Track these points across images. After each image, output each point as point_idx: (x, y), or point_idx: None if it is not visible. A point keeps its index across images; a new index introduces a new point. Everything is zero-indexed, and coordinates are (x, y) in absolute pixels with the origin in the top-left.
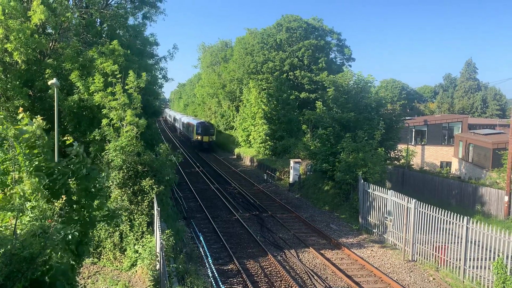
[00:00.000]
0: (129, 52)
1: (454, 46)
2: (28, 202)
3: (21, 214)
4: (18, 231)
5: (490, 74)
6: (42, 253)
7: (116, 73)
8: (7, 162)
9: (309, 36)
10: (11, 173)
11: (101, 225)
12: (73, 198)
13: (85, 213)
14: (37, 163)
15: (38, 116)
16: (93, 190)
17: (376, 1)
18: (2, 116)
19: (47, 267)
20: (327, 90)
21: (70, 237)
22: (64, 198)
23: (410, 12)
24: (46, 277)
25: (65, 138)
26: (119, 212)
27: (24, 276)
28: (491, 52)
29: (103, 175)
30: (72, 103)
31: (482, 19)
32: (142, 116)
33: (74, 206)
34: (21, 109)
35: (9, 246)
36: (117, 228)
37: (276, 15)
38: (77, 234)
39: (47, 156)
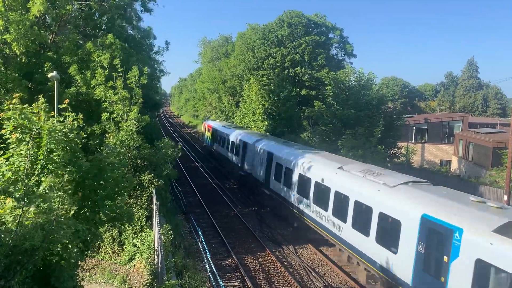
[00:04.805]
0: (126, 45)
1: (456, 45)
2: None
3: (30, 206)
4: (28, 222)
5: (491, 73)
6: (43, 246)
7: (117, 66)
8: (22, 155)
9: (310, 32)
10: (23, 164)
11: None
12: (95, 195)
13: (103, 210)
14: (76, 154)
15: (80, 114)
16: (117, 189)
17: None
18: (41, 109)
19: (56, 260)
20: (327, 87)
21: (81, 234)
22: (80, 195)
23: (413, 11)
24: (52, 270)
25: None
26: (125, 216)
27: (24, 268)
28: (492, 51)
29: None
30: (70, 96)
31: (485, 18)
32: (144, 112)
33: (91, 205)
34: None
35: (9, 238)
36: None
37: (279, 11)
38: (89, 232)
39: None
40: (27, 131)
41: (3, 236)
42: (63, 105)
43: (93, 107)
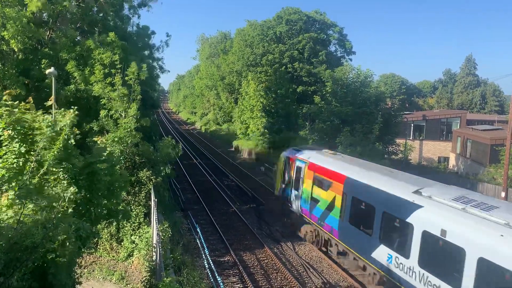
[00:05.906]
0: (126, 43)
1: (454, 42)
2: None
3: (28, 204)
4: (27, 220)
5: (489, 70)
6: (43, 243)
7: (116, 63)
8: (15, 152)
9: (309, 29)
10: (30, 163)
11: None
12: (92, 193)
13: (97, 209)
14: (70, 151)
15: (75, 107)
16: (115, 187)
17: None
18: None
19: (51, 257)
20: (326, 84)
21: (83, 232)
22: (82, 194)
23: (411, 7)
24: (48, 267)
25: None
26: (121, 213)
27: (23, 265)
28: (491, 48)
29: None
30: (68, 93)
31: (483, 16)
32: (142, 110)
33: (85, 203)
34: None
35: (11, 234)
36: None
37: (277, 8)
38: (89, 230)
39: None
40: (28, 131)
41: (3, 233)
42: (50, 102)
43: (91, 104)
